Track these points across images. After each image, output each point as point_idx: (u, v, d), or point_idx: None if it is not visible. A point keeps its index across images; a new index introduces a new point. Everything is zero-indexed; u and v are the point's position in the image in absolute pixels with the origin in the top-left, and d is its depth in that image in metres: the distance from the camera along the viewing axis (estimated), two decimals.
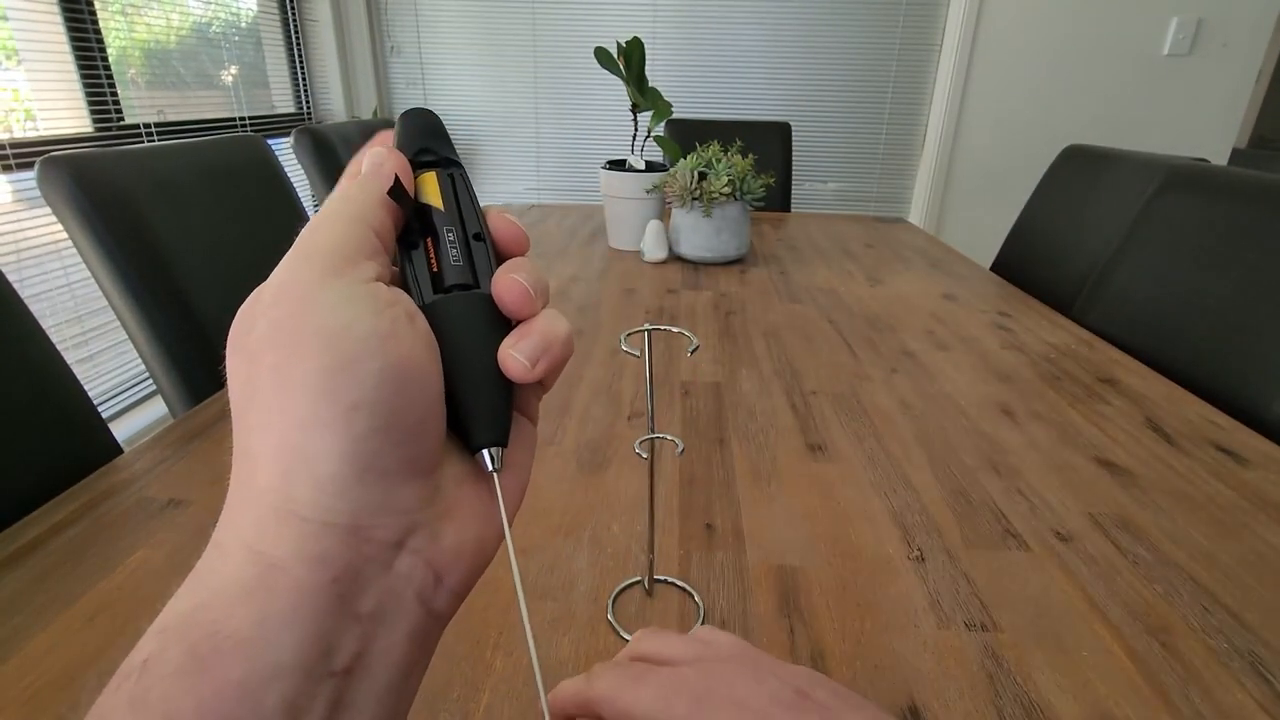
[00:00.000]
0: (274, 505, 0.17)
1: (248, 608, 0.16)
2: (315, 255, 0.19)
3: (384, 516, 0.18)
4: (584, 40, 2.55)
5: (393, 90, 2.72)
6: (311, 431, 0.17)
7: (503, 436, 0.21)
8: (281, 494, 0.17)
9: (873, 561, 0.50)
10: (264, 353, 0.18)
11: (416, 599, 0.18)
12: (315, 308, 0.18)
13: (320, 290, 0.18)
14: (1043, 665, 0.41)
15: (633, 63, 1.28)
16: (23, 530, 0.51)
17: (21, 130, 1.59)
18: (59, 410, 0.68)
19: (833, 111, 2.60)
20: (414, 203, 0.23)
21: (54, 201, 0.82)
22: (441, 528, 0.19)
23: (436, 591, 0.19)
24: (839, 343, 0.93)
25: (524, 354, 0.21)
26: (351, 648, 0.17)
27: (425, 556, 0.19)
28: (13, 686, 0.38)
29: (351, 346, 0.17)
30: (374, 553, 0.17)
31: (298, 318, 0.18)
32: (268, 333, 0.18)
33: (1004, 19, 2.38)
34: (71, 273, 1.55)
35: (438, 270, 0.22)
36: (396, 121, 0.26)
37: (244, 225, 1.06)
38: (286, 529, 0.16)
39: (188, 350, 0.90)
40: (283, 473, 0.17)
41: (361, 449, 0.17)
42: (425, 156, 0.25)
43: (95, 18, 1.65)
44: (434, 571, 0.19)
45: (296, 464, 0.17)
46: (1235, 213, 0.95)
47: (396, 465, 0.18)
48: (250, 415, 0.18)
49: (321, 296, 0.18)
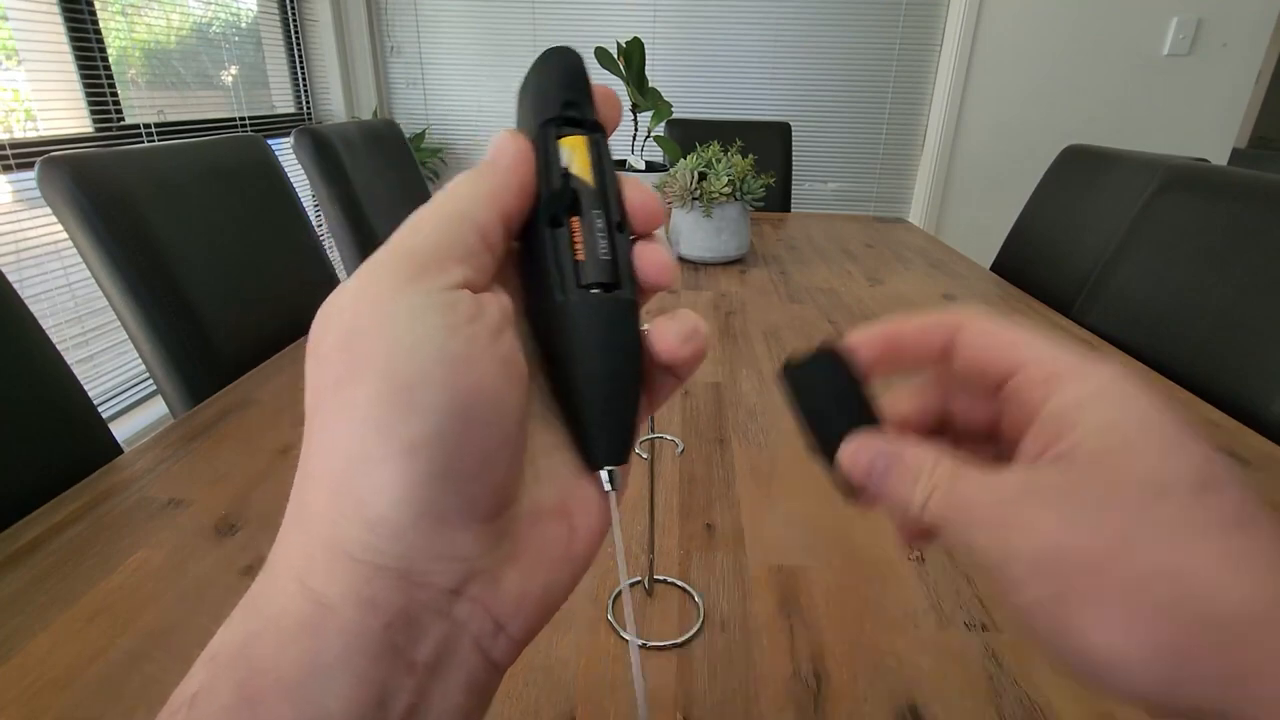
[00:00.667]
0: (325, 539, 0.15)
1: (298, 648, 0.15)
2: (399, 255, 0.17)
3: (440, 563, 0.16)
4: (584, 40, 2.55)
5: (393, 90, 2.72)
6: (362, 469, 0.15)
7: (626, 455, 0.19)
8: (332, 528, 0.15)
9: (873, 562, 0.50)
10: (332, 364, 0.16)
11: (475, 647, 0.17)
12: (386, 319, 0.16)
13: (394, 299, 0.16)
14: (1043, 666, 0.41)
15: (633, 63, 1.28)
16: (23, 530, 0.51)
17: (21, 130, 1.59)
18: (59, 410, 0.68)
19: (833, 111, 2.60)
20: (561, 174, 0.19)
21: (54, 202, 0.82)
22: (505, 573, 0.17)
23: (496, 640, 0.17)
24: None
25: (675, 334, 0.19)
26: (406, 699, 0.15)
27: (485, 604, 0.17)
28: (13, 686, 0.38)
29: (415, 372, 0.15)
30: (430, 599, 0.16)
31: (367, 330, 0.16)
32: (337, 342, 0.16)
33: (1004, 19, 2.38)
34: (71, 273, 1.55)
35: (581, 260, 0.19)
36: (534, 66, 0.21)
37: (244, 225, 1.06)
38: (337, 567, 0.15)
39: (188, 350, 0.90)
40: (334, 506, 0.15)
41: (417, 494, 0.15)
42: (570, 112, 0.20)
43: (95, 18, 1.65)
44: (494, 619, 0.17)
45: (347, 501, 0.15)
46: (1235, 213, 0.95)
47: (457, 511, 0.16)
48: (314, 431, 0.16)
49: (393, 307, 0.16)
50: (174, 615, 0.44)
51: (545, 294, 0.19)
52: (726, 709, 0.38)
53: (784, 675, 0.40)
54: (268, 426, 0.67)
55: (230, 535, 0.51)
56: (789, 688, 0.40)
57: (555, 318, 0.19)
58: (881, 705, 0.39)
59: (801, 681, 0.40)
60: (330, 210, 1.39)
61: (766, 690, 0.39)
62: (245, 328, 0.98)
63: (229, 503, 0.55)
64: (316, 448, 0.16)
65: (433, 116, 2.73)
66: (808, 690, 0.40)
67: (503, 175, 0.19)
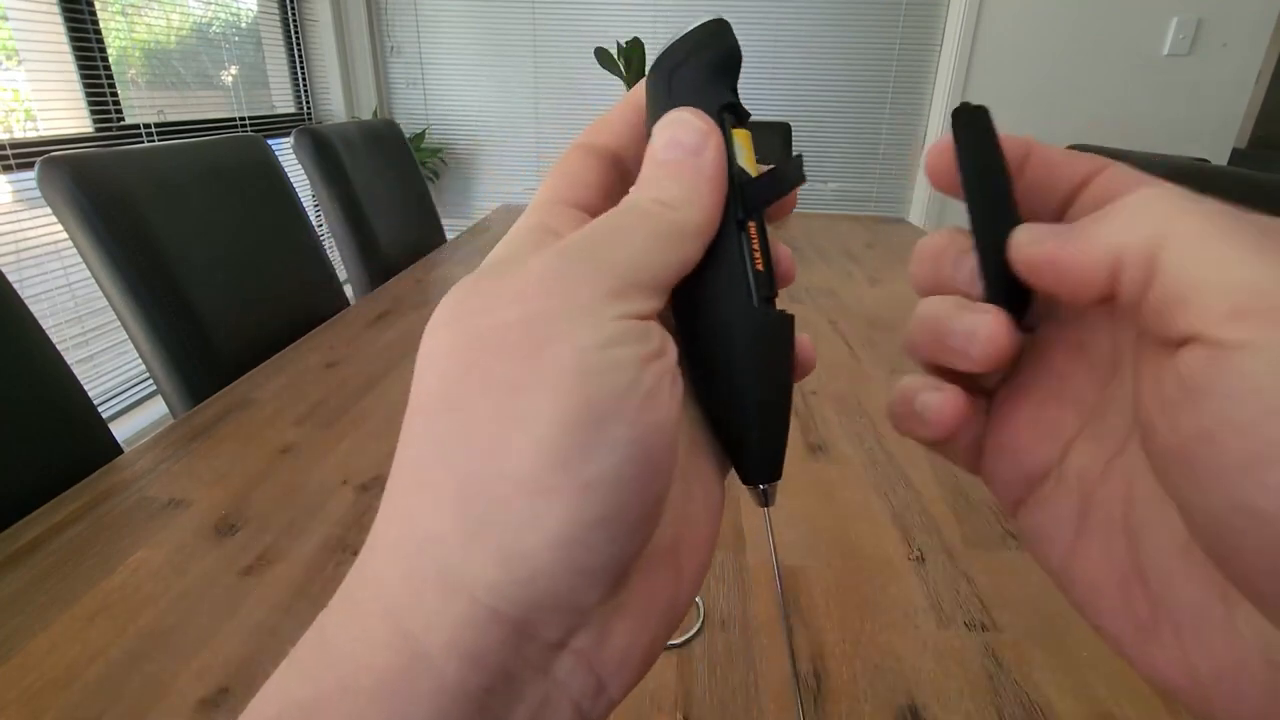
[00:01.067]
0: (442, 571, 0.13)
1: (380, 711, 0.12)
2: (601, 264, 0.15)
3: (559, 614, 0.14)
4: (584, 40, 2.55)
5: (392, 90, 2.72)
6: (523, 500, 0.13)
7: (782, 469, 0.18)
8: (456, 555, 0.13)
9: (873, 562, 0.50)
10: (490, 359, 0.13)
11: (573, 710, 0.14)
12: (582, 332, 0.13)
13: (592, 312, 0.14)
14: (1043, 665, 0.41)
15: (633, 63, 1.28)
16: (23, 530, 0.51)
17: (21, 130, 1.59)
18: (59, 411, 0.68)
19: (833, 112, 2.60)
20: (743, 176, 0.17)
21: (54, 202, 0.82)
22: (614, 625, 0.15)
23: (597, 701, 0.15)
24: (839, 343, 0.93)
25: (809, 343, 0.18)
26: None
27: (589, 659, 0.14)
28: (13, 687, 0.38)
29: (608, 402, 0.13)
30: (534, 654, 0.14)
31: (560, 336, 0.13)
32: (518, 328, 0.13)
33: (1004, 19, 2.38)
34: (71, 273, 1.55)
35: (760, 271, 0.17)
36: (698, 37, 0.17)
37: (244, 225, 1.06)
38: (451, 608, 0.13)
39: (188, 350, 0.90)
40: (465, 531, 0.13)
41: (577, 537, 0.13)
42: (727, 98, 0.17)
43: (95, 18, 1.65)
44: (598, 677, 0.15)
45: (488, 529, 0.13)
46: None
47: (603, 563, 0.14)
48: (439, 424, 0.14)
49: (592, 321, 0.14)
50: (174, 615, 0.44)
51: (711, 307, 0.17)
52: (727, 709, 0.38)
53: (784, 675, 0.40)
54: (268, 426, 0.67)
55: (230, 535, 0.51)
56: (789, 688, 0.40)
57: (729, 333, 0.17)
58: (881, 705, 0.39)
59: (801, 681, 0.40)
60: (330, 210, 1.39)
61: (767, 690, 0.39)
62: (245, 327, 0.98)
63: (229, 503, 0.55)
64: (442, 449, 0.13)
65: (432, 116, 2.73)
66: (808, 690, 0.40)
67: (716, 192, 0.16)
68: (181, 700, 0.37)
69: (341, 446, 0.64)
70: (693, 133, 0.16)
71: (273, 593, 0.45)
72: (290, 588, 0.46)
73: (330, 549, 0.50)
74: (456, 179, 2.83)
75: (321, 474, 0.59)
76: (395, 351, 0.87)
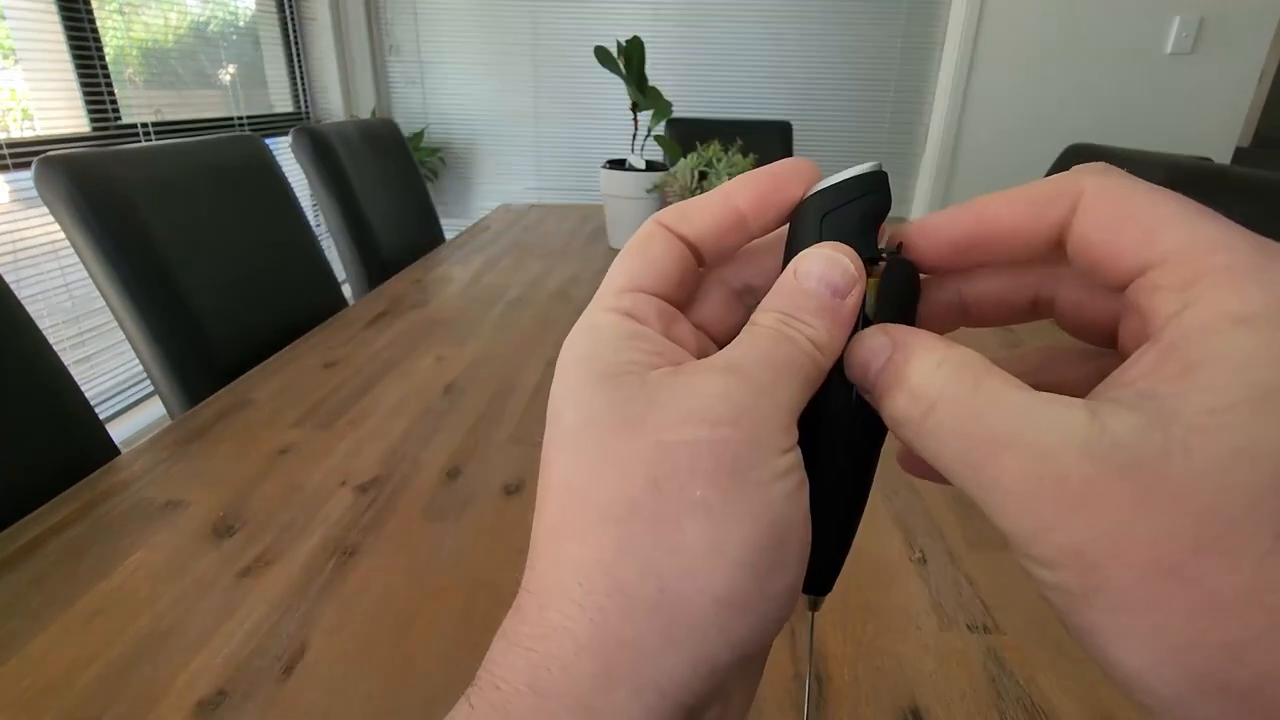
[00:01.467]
0: (635, 667, 0.14)
1: None
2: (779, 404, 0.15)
3: (721, 694, 0.15)
4: (584, 40, 2.54)
5: (391, 89, 2.72)
6: (722, 614, 0.14)
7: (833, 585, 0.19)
8: (650, 658, 0.14)
9: (874, 563, 0.50)
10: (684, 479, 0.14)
11: None
12: (766, 463, 0.14)
13: (772, 449, 0.15)
14: (1045, 667, 0.41)
15: (633, 62, 1.28)
16: (21, 531, 0.51)
17: (18, 130, 1.59)
18: (56, 412, 0.68)
19: (834, 111, 2.60)
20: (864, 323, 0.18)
21: (51, 201, 0.81)
22: (735, 691, 0.16)
23: None
24: None
25: None
26: None
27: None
28: (12, 688, 0.38)
29: (787, 522, 0.15)
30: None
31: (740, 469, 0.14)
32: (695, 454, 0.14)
33: (1006, 18, 2.37)
34: (69, 273, 1.55)
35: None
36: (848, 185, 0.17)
37: (242, 225, 1.06)
38: (640, 699, 0.13)
39: (185, 351, 0.90)
40: (664, 638, 0.14)
41: (755, 640, 0.14)
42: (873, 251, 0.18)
43: (92, 17, 1.65)
44: None
45: (686, 638, 0.14)
46: (1237, 211, 0.95)
47: (761, 651, 0.16)
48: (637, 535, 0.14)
49: (771, 455, 0.15)
50: (172, 616, 0.43)
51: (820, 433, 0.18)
52: None
53: (785, 676, 0.40)
54: (266, 427, 0.67)
55: (228, 536, 0.51)
56: (790, 689, 0.39)
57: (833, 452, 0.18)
58: (883, 707, 0.38)
59: (802, 682, 0.40)
60: (328, 210, 1.39)
61: (767, 691, 0.39)
62: (243, 328, 0.98)
63: (227, 504, 0.55)
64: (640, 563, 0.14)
65: (431, 116, 2.73)
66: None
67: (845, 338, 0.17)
68: (180, 701, 0.37)
69: (340, 447, 0.63)
70: (844, 276, 0.16)
71: (271, 594, 0.45)
72: (289, 589, 0.46)
73: (328, 550, 0.50)
74: (455, 178, 2.82)
75: (320, 475, 0.59)
76: (394, 352, 0.86)
